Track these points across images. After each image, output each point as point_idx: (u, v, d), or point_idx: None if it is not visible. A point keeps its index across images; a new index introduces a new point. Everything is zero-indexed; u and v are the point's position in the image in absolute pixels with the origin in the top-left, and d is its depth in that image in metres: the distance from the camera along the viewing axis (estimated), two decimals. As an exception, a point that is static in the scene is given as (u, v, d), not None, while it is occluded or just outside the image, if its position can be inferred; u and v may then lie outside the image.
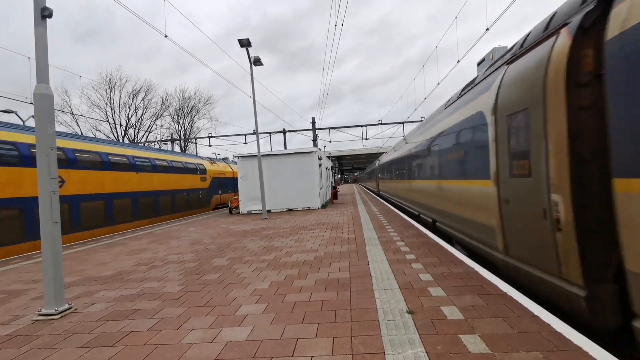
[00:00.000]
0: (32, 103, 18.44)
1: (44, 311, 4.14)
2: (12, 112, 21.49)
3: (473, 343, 2.82)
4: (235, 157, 18.88)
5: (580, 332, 2.92)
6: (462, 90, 7.53)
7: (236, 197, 18.28)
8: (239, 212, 17.76)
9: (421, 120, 22.84)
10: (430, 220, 9.61)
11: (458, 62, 12.38)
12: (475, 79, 6.91)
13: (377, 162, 31.77)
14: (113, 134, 36.47)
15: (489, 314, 3.38)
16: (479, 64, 9.15)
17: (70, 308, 4.32)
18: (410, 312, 3.55)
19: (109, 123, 36.52)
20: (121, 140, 35.20)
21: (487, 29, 9.68)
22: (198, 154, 34.88)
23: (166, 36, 12.15)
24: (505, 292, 3.93)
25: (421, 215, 11.16)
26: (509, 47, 5.91)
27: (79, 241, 11.03)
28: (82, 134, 33.11)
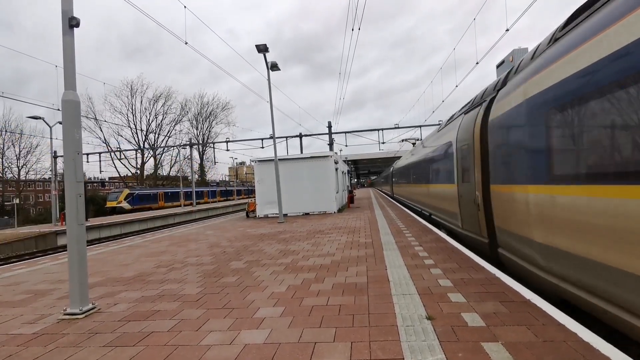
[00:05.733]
0: (58, 109, 19.13)
1: (69, 310, 4.26)
2: (39, 118, 22.38)
3: (496, 351, 2.75)
4: (253, 161, 19.21)
5: (608, 341, 2.81)
6: (440, 128, 11.34)
7: (253, 200, 18.54)
8: (255, 216, 17.93)
9: (439, 124, 24.68)
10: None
11: (477, 63, 12.20)
12: (450, 118, 10.05)
13: (390, 170, 42.95)
14: (134, 138, 37.55)
15: (512, 321, 3.29)
16: (498, 67, 8.99)
17: (94, 308, 4.43)
18: (429, 318, 3.49)
19: (130, 128, 37.64)
20: (142, 145, 36.10)
21: (507, 30, 9.51)
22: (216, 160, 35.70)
23: (186, 43, 12.48)
24: (529, 300, 3.82)
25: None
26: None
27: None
28: (105, 139, 34.10)
